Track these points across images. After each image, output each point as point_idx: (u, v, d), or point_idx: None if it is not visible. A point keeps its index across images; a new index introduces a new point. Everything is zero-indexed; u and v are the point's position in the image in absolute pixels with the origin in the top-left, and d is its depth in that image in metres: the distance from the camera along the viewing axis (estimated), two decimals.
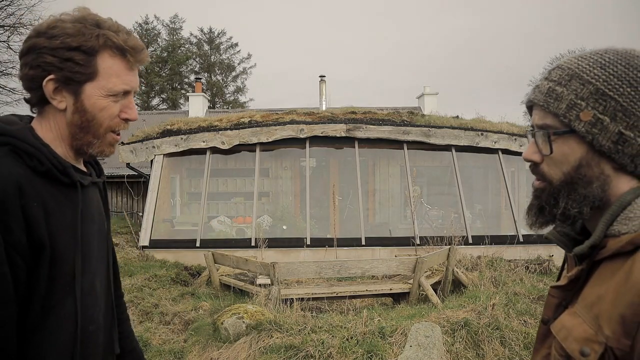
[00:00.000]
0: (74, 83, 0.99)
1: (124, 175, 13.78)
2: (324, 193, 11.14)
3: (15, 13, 14.09)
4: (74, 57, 0.97)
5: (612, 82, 0.78)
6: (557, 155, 0.81)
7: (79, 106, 1.00)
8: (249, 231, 10.03)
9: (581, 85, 0.79)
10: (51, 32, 0.96)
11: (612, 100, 0.77)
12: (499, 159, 10.45)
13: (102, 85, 1.00)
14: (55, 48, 0.96)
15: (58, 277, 0.95)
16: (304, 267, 6.08)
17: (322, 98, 16.25)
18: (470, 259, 7.96)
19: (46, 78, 0.97)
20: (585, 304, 0.78)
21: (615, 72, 0.78)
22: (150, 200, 9.94)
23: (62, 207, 0.97)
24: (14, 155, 0.94)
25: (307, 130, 10.16)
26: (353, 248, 9.32)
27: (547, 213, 0.84)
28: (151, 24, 33.22)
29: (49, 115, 1.02)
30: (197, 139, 10.23)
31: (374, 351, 3.99)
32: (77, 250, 1.00)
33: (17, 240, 0.88)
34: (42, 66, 0.96)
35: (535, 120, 0.85)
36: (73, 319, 0.99)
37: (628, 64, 0.79)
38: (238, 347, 4.37)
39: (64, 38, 0.96)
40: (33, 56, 0.96)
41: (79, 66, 0.97)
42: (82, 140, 1.03)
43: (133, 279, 7.45)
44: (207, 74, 33.60)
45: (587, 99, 0.78)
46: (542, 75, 0.86)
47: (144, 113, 21.40)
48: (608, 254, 0.77)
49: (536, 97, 0.84)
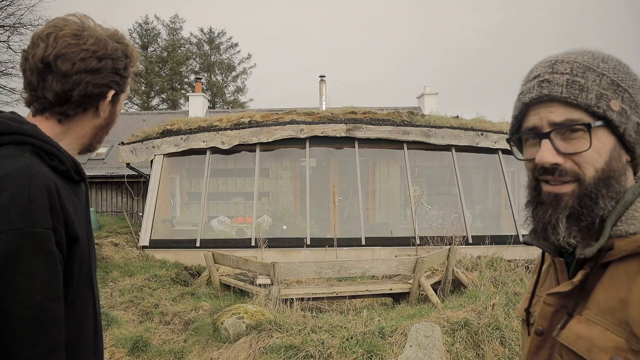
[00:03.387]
0: (121, 94, 1.15)
1: (124, 175, 13.77)
2: (324, 193, 11.13)
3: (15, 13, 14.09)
4: (128, 75, 1.14)
5: (620, 75, 0.77)
6: (590, 151, 0.74)
7: (113, 111, 1.15)
8: (249, 231, 10.03)
9: (598, 77, 0.76)
10: (115, 54, 1.09)
11: (626, 92, 0.76)
12: (499, 159, 10.45)
13: (126, 93, 1.18)
14: (120, 68, 1.10)
15: (82, 268, 1.02)
16: (304, 267, 6.08)
17: (322, 98, 16.24)
18: (470, 259, 7.95)
19: (110, 94, 1.10)
20: (601, 310, 0.72)
21: (616, 66, 0.78)
22: (150, 200, 9.94)
23: (76, 204, 1.03)
24: (35, 156, 0.96)
25: (307, 130, 10.16)
26: (353, 248, 9.32)
27: (585, 217, 0.75)
28: (151, 24, 33.22)
29: (75, 120, 1.09)
30: (197, 139, 10.23)
31: (374, 351, 3.99)
32: (91, 243, 1.07)
33: (60, 238, 0.93)
34: (109, 84, 1.09)
35: (551, 118, 0.76)
36: (92, 305, 1.08)
37: (617, 60, 0.79)
38: (238, 347, 4.37)
39: (126, 60, 1.12)
40: (101, 76, 1.07)
41: (127, 80, 1.15)
42: (99, 138, 1.16)
43: (133, 279, 7.45)
44: (207, 74, 33.59)
45: (608, 90, 0.75)
46: (543, 70, 0.79)
47: (144, 113, 21.39)
48: (620, 256, 0.73)
49: (554, 90, 0.76)
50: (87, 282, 1.05)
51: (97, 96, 1.08)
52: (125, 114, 21.59)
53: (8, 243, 0.86)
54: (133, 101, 31.85)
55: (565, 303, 0.79)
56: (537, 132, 0.78)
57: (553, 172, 0.76)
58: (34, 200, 0.90)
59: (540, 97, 0.77)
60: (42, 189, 0.91)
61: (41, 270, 0.89)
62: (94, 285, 1.08)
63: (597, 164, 0.75)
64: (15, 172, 0.91)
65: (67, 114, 1.07)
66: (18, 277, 0.87)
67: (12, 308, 0.86)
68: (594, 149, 0.74)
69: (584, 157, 0.74)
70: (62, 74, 1.03)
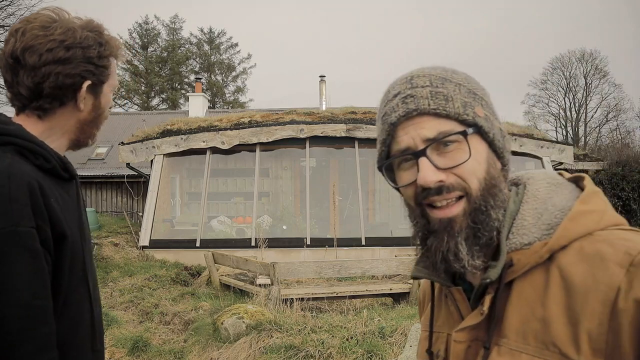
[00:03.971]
0: (100, 85, 1.10)
1: (124, 175, 13.77)
2: (324, 193, 11.13)
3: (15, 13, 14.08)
4: (105, 64, 1.09)
5: (472, 84, 0.75)
6: (471, 160, 0.69)
7: (97, 104, 1.10)
8: (249, 231, 10.03)
9: (456, 87, 0.72)
10: (86, 42, 1.05)
11: (482, 99, 0.74)
12: None
13: (112, 84, 1.13)
14: (92, 57, 1.06)
15: (74, 266, 1.01)
16: (304, 267, 6.08)
17: (322, 98, 16.24)
18: None
19: (85, 84, 1.06)
20: (522, 335, 0.66)
21: (467, 77, 0.76)
22: (150, 200, 9.94)
23: (66, 201, 1.03)
24: (18, 155, 0.96)
25: (307, 130, 10.16)
26: (353, 248, 9.32)
27: (482, 233, 0.69)
28: (151, 24, 33.21)
29: (56, 115, 1.07)
30: (197, 139, 10.23)
31: (374, 351, 3.99)
32: (84, 239, 1.06)
33: (45, 236, 0.92)
34: (81, 74, 1.05)
35: (424, 134, 0.69)
36: (88, 303, 1.07)
37: (464, 72, 0.77)
38: (238, 347, 4.37)
39: (99, 48, 1.07)
40: (71, 66, 1.03)
41: (106, 69, 1.10)
42: (88, 133, 1.12)
43: (133, 279, 7.46)
44: (207, 74, 33.59)
45: (469, 98, 0.72)
46: (402, 87, 0.73)
47: (144, 113, 21.38)
48: (522, 271, 0.68)
49: (420, 104, 0.70)
50: (81, 280, 1.04)
51: (71, 87, 1.04)
52: (125, 114, 21.61)
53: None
54: (133, 101, 31.88)
55: (476, 335, 0.72)
56: (411, 152, 0.70)
57: (440, 191, 0.69)
58: (15, 199, 0.89)
59: (408, 113, 0.71)
60: (23, 188, 0.90)
61: (27, 269, 0.89)
62: (89, 283, 1.07)
63: (479, 174, 0.69)
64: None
65: (44, 109, 1.04)
66: (4, 277, 0.86)
67: (1, 308, 0.86)
68: (474, 158, 0.69)
69: (465, 169, 0.69)
70: (31, 67, 1.01)
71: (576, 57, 30.57)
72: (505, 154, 0.75)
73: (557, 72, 31.35)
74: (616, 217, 0.70)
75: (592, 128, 30.92)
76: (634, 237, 0.65)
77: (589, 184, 0.74)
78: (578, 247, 0.66)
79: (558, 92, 31.54)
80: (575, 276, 0.63)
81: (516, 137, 10.46)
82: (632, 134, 27.83)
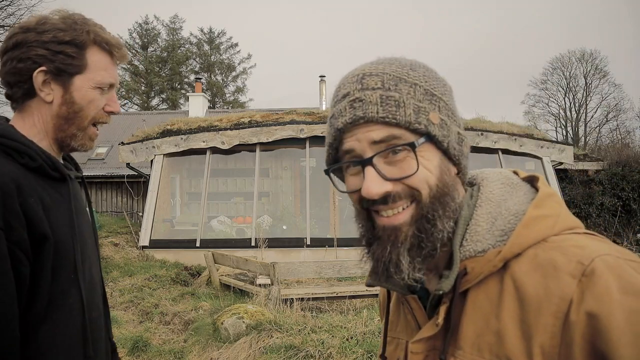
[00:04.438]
0: (65, 75, 1.02)
1: (124, 175, 13.77)
2: (324, 193, 11.13)
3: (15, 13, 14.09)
4: (65, 50, 1.01)
5: (431, 82, 0.70)
6: (420, 171, 0.66)
7: (68, 98, 1.03)
8: (249, 231, 10.03)
9: (411, 88, 0.67)
10: (41, 27, 1.00)
11: (441, 101, 0.69)
12: (499, 159, 10.46)
13: (91, 78, 1.05)
14: (47, 41, 1.00)
15: (62, 268, 0.97)
16: (304, 267, 6.08)
17: (322, 98, 16.25)
18: None
19: (37, 70, 0.99)
20: (477, 348, 0.64)
21: (425, 73, 0.70)
22: (150, 200, 9.94)
23: (56, 201, 0.99)
24: (2, 154, 0.94)
25: (307, 130, 10.16)
26: (353, 248, 9.31)
27: (425, 243, 0.66)
28: (151, 24, 33.22)
29: (32, 109, 1.04)
30: (197, 139, 10.23)
31: (374, 351, 3.99)
32: (75, 241, 1.02)
33: (19, 237, 0.89)
34: (33, 58, 0.99)
35: (370, 139, 0.66)
36: (79, 307, 1.02)
37: (424, 66, 0.72)
38: (238, 347, 4.37)
39: (56, 32, 1.01)
40: (22, 50, 0.99)
41: (71, 58, 1.02)
42: (66, 132, 1.06)
43: (133, 279, 7.46)
44: (207, 74, 33.60)
45: (424, 101, 0.67)
46: (352, 87, 0.68)
47: (144, 113, 21.38)
48: (477, 280, 0.66)
49: (368, 111, 0.66)
50: (72, 283, 1.00)
51: (25, 73, 0.99)
52: (125, 114, 21.61)
53: None
54: (133, 101, 31.88)
55: (433, 345, 0.70)
56: (358, 159, 0.68)
57: (386, 200, 0.66)
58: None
59: (355, 121, 0.66)
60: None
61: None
62: (81, 287, 1.02)
63: (430, 181, 0.66)
64: None
65: (13, 99, 1.03)
66: None
67: None
68: (424, 167, 0.66)
69: (415, 179, 0.66)
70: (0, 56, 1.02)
71: (576, 57, 30.58)
72: (462, 160, 0.71)
73: (557, 72, 31.36)
74: (571, 220, 0.68)
75: (592, 128, 30.92)
76: (587, 243, 0.63)
77: (543, 185, 0.72)
78: (532, 254, 0.64)
79: (558, 92, 31.55)
80: (529, 287, 0.61)
81: (516, 137, 10.47)
82: (632, 134, 27.83)
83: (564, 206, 0.70)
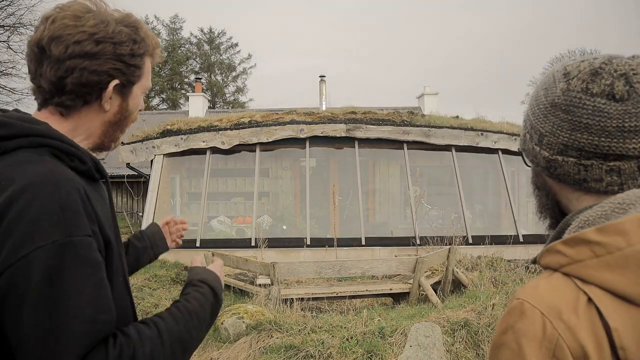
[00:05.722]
0: (130, 86, 1.01)
1: (124, 175, 13.78)
2: (324, 193, 11.13)
3: (15, 13, 14.09)
4: (137, 63, 1.00)
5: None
6: None
7: (124, 106, 1.03)
8: (249, 231, 10.03)
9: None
10: (118, 38, 0.97)
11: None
12: (499, 159, 10.45)
13: (143, 84, 1.05)
14: (124, 54, 0.97)
15: (117, 272, 0.95)
16: (304, 267, 6.08)
17: (322, 98, 16.25)
18: (470, 259, 7.95)
19: (112, 83, 0.97)
20: None
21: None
22: (150, 200, 9.94)
23: (101, 204, 0.96)
24: (52, 157, 0.89)
25: (307, 130, 10.16)
26: (353, 248, 9.32)
27: None
28: (151, 24, 33.18)
29: (82, 115, 0.99)
30: (197, 139, 10.23)
31: (374, 351, 3.99)
32: (119, 245, 1.00)
33: (99, 245, 0.87)
34: (109, 72, 0.96)
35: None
36: (131, 310, 1.02)
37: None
38: (238, 347, 4.37)
39: (132, 45, 0.99)
40: (98, 62, 0.95)
41: (138, 70, 1.01)
42: (112, 136, 1.05)
43: (133, 279, 7.46)
44: (207, 74, 33.60)
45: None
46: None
47: (144, 113, 21.36)
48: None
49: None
50: (124, 287, 0.98)
51: (97, 85, 0.96)
52: None
53: (47, 259, 0.78)
54: None
55: None
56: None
57: None
58: (66, 207, 0.82)
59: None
60: (73, 194, 0.84)
61: (87, 282, 0.82)
62: (130, 292, 1.00)
63: None
64: (41, 178, 0.83)
65: (66, 106, 0.96)
66: (65, 294, 0.79)
67: (65, 326, 0.78)
68: None
69: None
70: (55, 58, 0.93)
71: (576, 56, 30.57)
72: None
73: None
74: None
75: None
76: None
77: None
78: None
79: None
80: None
81: (516, 137, 10.44)
82: None
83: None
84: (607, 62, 0.69)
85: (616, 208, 0.65)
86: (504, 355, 0.64)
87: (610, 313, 0.60)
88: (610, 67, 0.68)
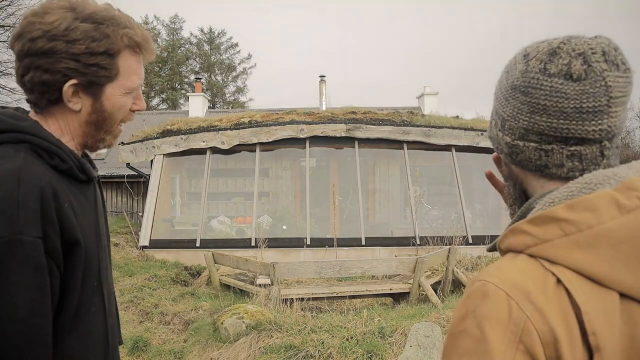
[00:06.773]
0: (96, 86, 0.95)
1: (124, 175, 13.77)
2: (324, 193, 11.13)
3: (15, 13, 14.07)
4: (99, 62, 0.93)
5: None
6: None
7: (98, 106, 0.97)
8: (249, 231, 10.03)
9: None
10: (72, 35, 0.90)
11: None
12: None
13: (122, 84, 0.98)
14: (79, 54, 0.90)
15: (89, 275, 0.94)
16: (304, 267, 6.08)
17: (322, 98, 16.24)
18: (470, 259, 7.95)
19: (67, 83, 0.92)
20: None
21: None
22: (150, 200, 9.94)
23: (82, 205, 0.95)
24: (32, 154, 0.89)
25: (307, 130, 10.16)
26: (353, 248, 9.32)
27: None
28: (151, 24, 33.17)
29: (57, 114, 0.97)
30: (197, 139, 10.23)
31: (374, 351, 3.99)
32: (100, 246, 0.98)
33: (52, 247, 0.85)
34: (63, 71, 0.91)
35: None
36: (102, 316, 0.99)
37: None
38: (238, 347, 4.37)
39: (89, 43, 0.91)
40: (49, 60, 0.90)
41: (104, 70, 0.94)
42: (95, 137, 1.01)
43: (133, 279, 7.46)
44: (207, 74, 33.59)
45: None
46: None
47: (144, 113, 21.36)
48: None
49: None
50: (96, 291, 0.96)
51: (53, 85, 0.91)
52: None
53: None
54: None
55: None
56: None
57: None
58: (23, 205, 0.81)
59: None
60: (34, 192, 0.83)
61: (28, 283, 0.81)
62: (104, 294, 0.99)
63: None
64: (6, 173, 0.83)
65: (34, 104, 0.95)
66: (2, 291, 0.79)
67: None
68: None
69: None
70: (16, 56, 0.91)
71: None
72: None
73: None
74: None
75: None
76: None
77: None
78: None
79: None
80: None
81: None
82: (632, 134, 27.80)
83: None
84: (566, 41, 0.66)
85: (583, 188, 0.62)
86: (463, 343, 0.58)
87: (580, 295, 0.56)
88: (568, 46, 0.65)
